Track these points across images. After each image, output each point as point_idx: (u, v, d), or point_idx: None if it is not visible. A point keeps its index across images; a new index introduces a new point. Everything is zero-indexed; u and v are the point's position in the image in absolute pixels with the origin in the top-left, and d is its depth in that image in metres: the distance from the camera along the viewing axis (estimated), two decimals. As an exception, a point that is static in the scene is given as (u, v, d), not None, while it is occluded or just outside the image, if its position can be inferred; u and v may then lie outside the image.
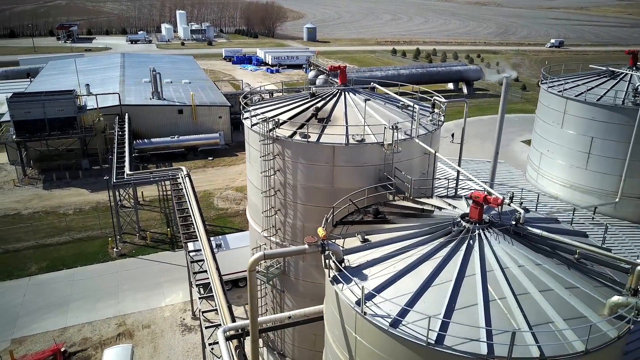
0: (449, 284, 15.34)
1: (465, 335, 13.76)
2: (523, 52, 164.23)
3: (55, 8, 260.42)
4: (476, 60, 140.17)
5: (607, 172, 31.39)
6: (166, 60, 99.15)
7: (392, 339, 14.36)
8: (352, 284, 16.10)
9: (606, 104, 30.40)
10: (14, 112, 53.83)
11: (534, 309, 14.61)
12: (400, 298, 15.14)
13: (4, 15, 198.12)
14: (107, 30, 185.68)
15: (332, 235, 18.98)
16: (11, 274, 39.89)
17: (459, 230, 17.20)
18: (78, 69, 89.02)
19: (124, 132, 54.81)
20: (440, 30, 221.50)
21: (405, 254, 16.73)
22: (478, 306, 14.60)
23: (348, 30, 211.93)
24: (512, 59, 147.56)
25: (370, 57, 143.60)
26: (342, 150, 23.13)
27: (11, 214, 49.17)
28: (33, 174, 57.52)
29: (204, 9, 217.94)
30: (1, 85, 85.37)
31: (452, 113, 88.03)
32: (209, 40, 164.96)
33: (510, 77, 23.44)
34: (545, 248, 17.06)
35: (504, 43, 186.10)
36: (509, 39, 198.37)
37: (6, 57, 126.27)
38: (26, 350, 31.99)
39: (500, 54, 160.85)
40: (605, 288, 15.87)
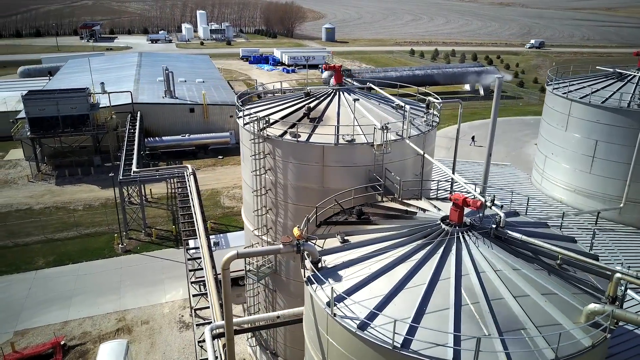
0: (421, 287, 15.11)
1: (433, 339, 13.50)
2: (545, 53, 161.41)
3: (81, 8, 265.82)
4: (496, 62, 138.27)
5: (612, 176, 30.62)
6: (182, 60, 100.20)
7: (360, 341, 14.19)
8: (326, 284, 15.99)
9: (611, 106, 29.68)
10: (29, 109, 55.01)
11: (506, 315, 14.29)
12: (372, 300, 14.97)
13: (30, 14, 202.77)
14: (129, 29, 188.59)
15: (313, 235, 18.89)
16: (19, 267, 40.74)
17: (438, 232, 16.94)
18: (96, 67, 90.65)
19: (136, 130, 55.49)
20: (461, 31, 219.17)
21: (381, 256, 16.54)
22: (449, 310, 14.34)
23: (368, 31, 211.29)
24: (532, 60, 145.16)
25: (387, 57, 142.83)
26: (332, 150, 23.02)
27: (23, 209, 50.24)
28: (47, 170, 58.69)
29: (224, 9, 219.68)
30: (22, 83, 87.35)
31: (467, 114, 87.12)
32: (227, 40, 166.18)
33: (502, 79, 22.98)
34: (526, 253, 16.69)
35: (526, 44, 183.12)
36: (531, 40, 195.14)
37: (30, 55, 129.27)
38: (27, 343, 32.61)
39: (521, 55, 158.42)
40: (586, 295, 15.45)
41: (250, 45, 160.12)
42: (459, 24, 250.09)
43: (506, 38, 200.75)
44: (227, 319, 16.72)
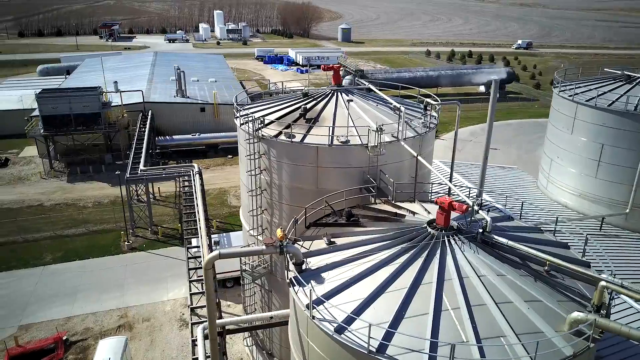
0: (402, 291, 14.94)
1: (409, 345, 13.34)
2: (564, 54, 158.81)
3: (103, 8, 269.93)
4: (513, 63, 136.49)
5: (618, 181, 29.97)
6: (196, 59, 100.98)
7: (337, 344, 14.09)
8: (308, 286, 15.90)
9: (617, 109, 29.06)
10: (42, 108, 55.96)
11: (486, 321, 14.05)
12: (352, 303, 14.84)
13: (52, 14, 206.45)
14: (147, 29, 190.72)
15: (299, 237, 18.83)
16: (27, 262, 41.44)
17: (423, 236, 16.73)
18: (112, 66, 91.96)
19: (146, 129, 56.05)
20: (480, 32, 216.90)
21: (365, 259, 16.40)
22: (428, 316, 14.15)
23: (385, 31, 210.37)
24: (551, 62, 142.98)
25: (403, 58, 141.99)
26: (326, 151, 22.91)
27: (34, 205, 51.13)
28: (59, 167, 59.64)
29: (241, 9, 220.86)
30: (39, 81, 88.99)
31: (480, 117, 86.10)
32: (244, 40, 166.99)
33: (498, 80, 22.61)
34: (513, 258, 16.39)
35: (545, 45, 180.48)
36: (550, 41, 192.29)
37: (50, 54, 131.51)
38: (31, 337, 33.17)
39: (540, 56, 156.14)
40: (572, 303, 15.11)
41: (266, 45, 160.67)
42: (477, 24, 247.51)
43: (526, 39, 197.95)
44: (211, 319, 16.76)
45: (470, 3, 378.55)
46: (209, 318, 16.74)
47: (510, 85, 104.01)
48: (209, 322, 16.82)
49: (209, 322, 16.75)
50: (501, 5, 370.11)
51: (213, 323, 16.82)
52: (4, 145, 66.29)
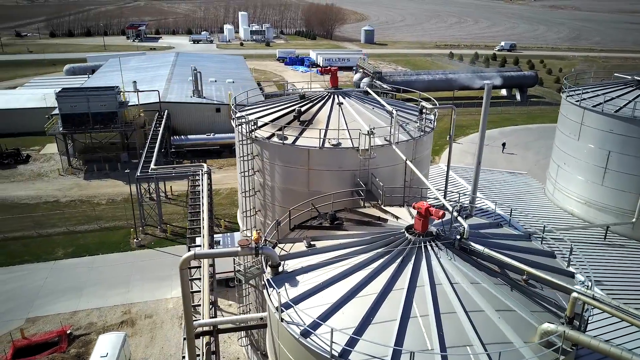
0: (372, 296, 14.84)
1: (372, 351, 13.24)
2: (592, 58, 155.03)
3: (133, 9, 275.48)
4: (538, 66, 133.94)
5: (625, 189, 29.19)
6: (216, 60, 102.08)
7: (303, 348, 14.07)
8: (282, 289, 15.95)
9: (625, 115, 28.26)
10: (62, 106, 57.39)
11: (454, 330, 13.85)
12: (321, 307, 14.81)
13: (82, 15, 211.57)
14: (173, 30, 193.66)
15: (282, 239, 18.88)
16: (39, 257, 42.54)
17: (400, 241, 16.58)
18: (135, 66, 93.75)
19: (160, 129, 56.88)
20: (507, 34, 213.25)
21: (340, 263, 16.34)
22: (395, 322, 14.02)
23: (409, 33, 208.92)
24: (577, 65, 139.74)
25: (425, 60, 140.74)
26: (317, 153, 22.91)
27: (51, 201, 52.45)
28: (77, 164, 61.05)
29: (266, 11, 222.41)
30: (63, 80, 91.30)
31: (499, 120, 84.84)
32: (267, 41, 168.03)
33: (491, 84, 22.22)
34: (491, 266, 16.09)
35: (573, 48, 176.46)
36: (579, 44, 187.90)
37: (77, 54, 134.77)
38: (37, 330, 34.03)
39: (567, 59, 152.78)
40: (547, 314, 14.78)
41: (289, 46, 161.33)
42: (504, 27, 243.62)
43: (553, 42, 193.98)
44: (187, 318, 16.93)
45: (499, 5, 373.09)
46: (185, 317, 16.92)
47: (533, 89, 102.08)
48: (185, 322, 17.01)
49: (185, 321, 16.94)
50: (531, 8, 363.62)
51: (189, 322, 16.99)
52: (27, 142, 68.17)
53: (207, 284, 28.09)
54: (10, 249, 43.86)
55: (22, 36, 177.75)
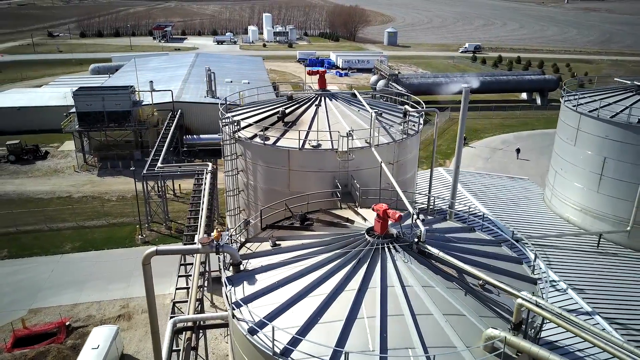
0: (322, 297, 14.99)
1: (315, 351, 13.39)
2: (621, 62, 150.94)
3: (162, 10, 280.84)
4: (563, 70, 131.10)
5: (620, 197, 28.56)
6: (234, 61, 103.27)
7: (251, 344, 14.31)
8: (240, 286, 16.24)
9: (620, 121, 27.64)
10: (78, 104, 59.07)
11: (399, 332, 13.90)
12: (273, 305, 15.03)
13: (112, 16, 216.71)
14: (199, 31, 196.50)
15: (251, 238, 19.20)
16: (48, 250, 43.86)
17: (358, 243, 16.67)
18: (155, 66, 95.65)
19: (171, 128, 57.97)
20: (534, 37, 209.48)
21: (299, 263, 16.53)
22: (340, 323, 14.13)
23: (434, 35, 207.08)
24: (605, 69, 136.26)
25: (446, 63, 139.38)
26: (297, 154, 23.19)
27: (64, 196, 54.00)
28: (92, 161, 62.66)
29: (290, 12, 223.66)
30: (86, 79, 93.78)
31: (517, 125, 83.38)
32: (289, 43, 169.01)
33: (469, 87, 22.05)
34: (449, 270, 16.02)
35: (603, 52, 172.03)
36: (609, 47, 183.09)
37: (104, 54, 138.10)
38: (38, 320, 35.12)
39: (595, 63, 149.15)
40: (498, 319, 14.68)
41: (311, 47, 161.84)
42: (533, 29, 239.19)
43: (582, 45, 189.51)
44: (151, 313, 17.36)
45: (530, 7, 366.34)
46: (149, 313, 17.36)
47: (554, 93, 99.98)
48: (149, 316, 17.46)
49: (150, 316, 17.38)
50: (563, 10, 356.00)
51: (154, 317, 17.44)
52: (47, 139, 70.27)
53: (196, 281, 28.72)
54: (21, 241, 45.36)
55: (54, 36, 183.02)
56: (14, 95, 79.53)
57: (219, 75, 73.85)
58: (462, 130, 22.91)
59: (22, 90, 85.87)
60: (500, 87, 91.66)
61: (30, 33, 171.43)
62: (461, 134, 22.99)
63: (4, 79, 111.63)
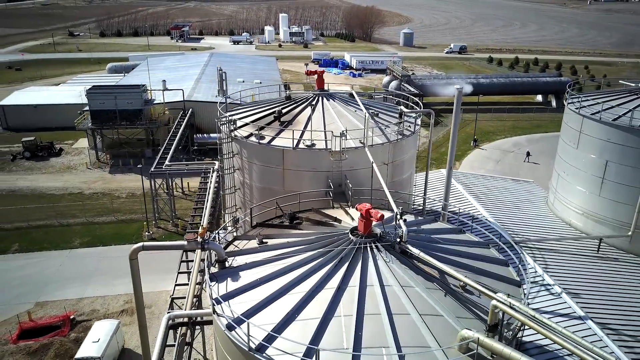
0: (302, 294, 15.14)
1: (289, 348, 13.54)
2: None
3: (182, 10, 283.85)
4: (581, 72, 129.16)
5: (622, 201, 28.14)
6: (248, 61, 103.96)
7: (229, 339, 14.52)
8: (223, 283, 16.48)
9: (622, 124, 27.25)
10: (91, 103, 60.15)
11: (374, 331, 14.00)
12: (253, 302, 15.22)
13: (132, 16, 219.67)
14: (216, 31, 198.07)
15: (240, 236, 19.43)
16: (57, 245, 44.78)
17: (341, 242, 16.77)
18: (169, 66, 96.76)
19: (180, 127, 58.65)
20: (553, 39, 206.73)
21: (283, 261, 16.70)
22: (317, 320, 14.26)
23: (452, 36, 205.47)
24: (625, 72, 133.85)
25: (462, 64, 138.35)
26: (291, 154, 23.36)
27: (75, 193, 55.03)
28: (105, 158, 63.71)
29: (307, 13, 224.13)
30: (102, 78, 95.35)
31: (530, 127, 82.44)
32: (305, 43, 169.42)
33: (461, 89, 21.97)
34: (431, 271, 16.04)
35: (624, 54, 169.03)
36: (630, 49, 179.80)
37: (122, 53, 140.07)
38: (44, 313, 35.91)
39: (615, 65, 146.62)
40: (477, 320, 14.68)
41: (327, 48, 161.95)
42: (553, 31, 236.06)
43: (603, 47, 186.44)
44: (138, 308, 17.69)
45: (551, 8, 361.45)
46: (136, 307, 17.70)
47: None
48: (137, 311, 17.78)
49: (137, 310, 17.71)
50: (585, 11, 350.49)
51: (141, 312, 17.78)
52: (62, 136, 71.61)
53: (194, 277, 29.07)
54: (32, 236, 46.37)
55: (75, 36, 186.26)
56: (32, 93, 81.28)
57: (232, 75, 74.40)
58: (455, 132, 22.82)
59: (39, 88, 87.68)
60: (515, 89, 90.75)
61: (51, 32, 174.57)
62: (454, 135, 22.91)
63: (24, 77, 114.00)
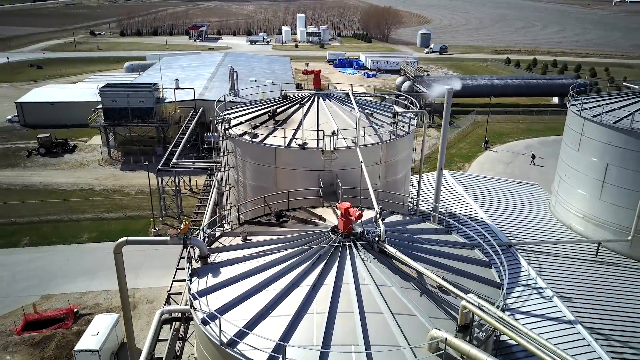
0: (277, 291, 15.28)
1: (260, 344, 13.68)
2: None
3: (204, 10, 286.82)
4: (601, 74, 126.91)
5: (622, 205, 27.68)
6: (262, 61, 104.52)
7: (204, 333, 14.73)
8: (204, 278, 16.72)
9: (623, 127, 26.81)
10: (104, 101, 61.22)
11: (345, 329, 14.07)
12: (229, 298, 15.42)
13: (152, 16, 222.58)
14: (234, 31, 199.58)
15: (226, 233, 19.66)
16: (66, 239, 45.71)
17: (320, 240, 16.87)
18: (184, 65, 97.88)
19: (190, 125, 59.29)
20: (575, 40, 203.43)
21: (263, 258, 16.86)
22: (289, 317, 14.39)
23: (470, 37, 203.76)
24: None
25: (479, 65, 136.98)
26: (283, 152, 23.52)
27: (86, 189, 56.08)
28: (117, 156, 64.75)
29: (325, 13, 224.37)
30: (119, 76, 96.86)
31: (544, 130, 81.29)
32: (321, 43, 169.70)
33: (452, 89, 21.81)
34: (408, 270, 16.04)
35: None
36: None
37: (141, 52, 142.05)
38: (49, 306, 36.71)
39: (637, 68, 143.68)
40: (450, 321, 14.64)
41: (343, 48, 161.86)
42: (574, 32, 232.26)
43: (626, 49, 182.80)
44: (123, 300, 18.03)
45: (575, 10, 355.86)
46: (122, 301, 18.04)
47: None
48: (122, 305, 18.13)
49: (122, 304, 18.06)
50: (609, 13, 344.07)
51: (126, 305, 18.12)
52: (77, 133, 73.00)
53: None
54: (42, 230, 47.40)
55: (96, 35, 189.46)
56: (49, 91, 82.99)
57: (245, 75, 74.97)
58: (445, 133, 22.71)
59: (57, 86, 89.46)
60: (530, 90, 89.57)
61: (73, 32, 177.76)
62: (444, 136, 22.79)
63: (45, 75, 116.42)
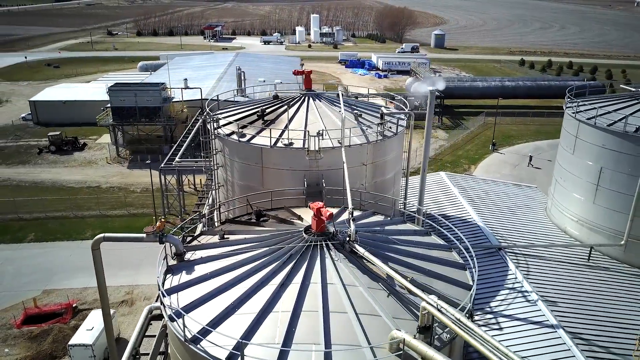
0: (245, 289, 15.43)
1: (221, 341, 13.83)
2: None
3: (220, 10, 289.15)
4: (617, 76, 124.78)
5: (616, 208, 27.27)
6: (272, 61, 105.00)
7: (173, 330, 14.94)
8: (178, 276, 16.95)
9: (616, 129, 26.42)
10: (112, 99, 62.20)
11: (308, 328, 14.16)
12: (197, 295, 15.61)
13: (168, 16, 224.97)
14: (249, 31, 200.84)
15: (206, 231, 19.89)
16: (70, 236, 46.55)
17: (293, 239, 16.98)
18: (195, 65, 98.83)
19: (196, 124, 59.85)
20: (592, 42, 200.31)
21: (234, 257, 17.03)
22: (254, 315, 14.52)
23: (486, 38, 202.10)
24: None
25: (492, 67, 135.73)
26: (269, 152, 23.69)
27: (93, 186, 56.99)
28: (125, 154, 65.66)
29: (339, 14, 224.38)
30: (131, 75, 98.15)
31: (553, 132, 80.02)
32: (335, 44, 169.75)
33: (435, 90, 21.69)
34: (377, 271, 16.05)
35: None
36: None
37: (156, 52, 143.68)
38: (49, 301, 37.44)
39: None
40: (415, 322, 14.59)
41: (356, 49, 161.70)
42: (593, 33, 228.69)
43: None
44: (101, 296, 18.36)
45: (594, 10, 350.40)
46: (100, 296, 18.37)
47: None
48: (100, 300, 18.46)
49: (101, 299, 18.38)
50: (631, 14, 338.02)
51: (104, 300, 18.44)
52: (88, 131, 74.20)
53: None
54: (48, 226, 48.32)
55: (113, 35, 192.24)
56: (62, 89, 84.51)
57: (254, 75, 75.41)
58: (429, 134, 22.62)
59: (69, 85, 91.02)
60: (541, 92, 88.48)
61: (90, 31, 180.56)
62: (427, 137, 22.70)
63: (61, 74, 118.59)
